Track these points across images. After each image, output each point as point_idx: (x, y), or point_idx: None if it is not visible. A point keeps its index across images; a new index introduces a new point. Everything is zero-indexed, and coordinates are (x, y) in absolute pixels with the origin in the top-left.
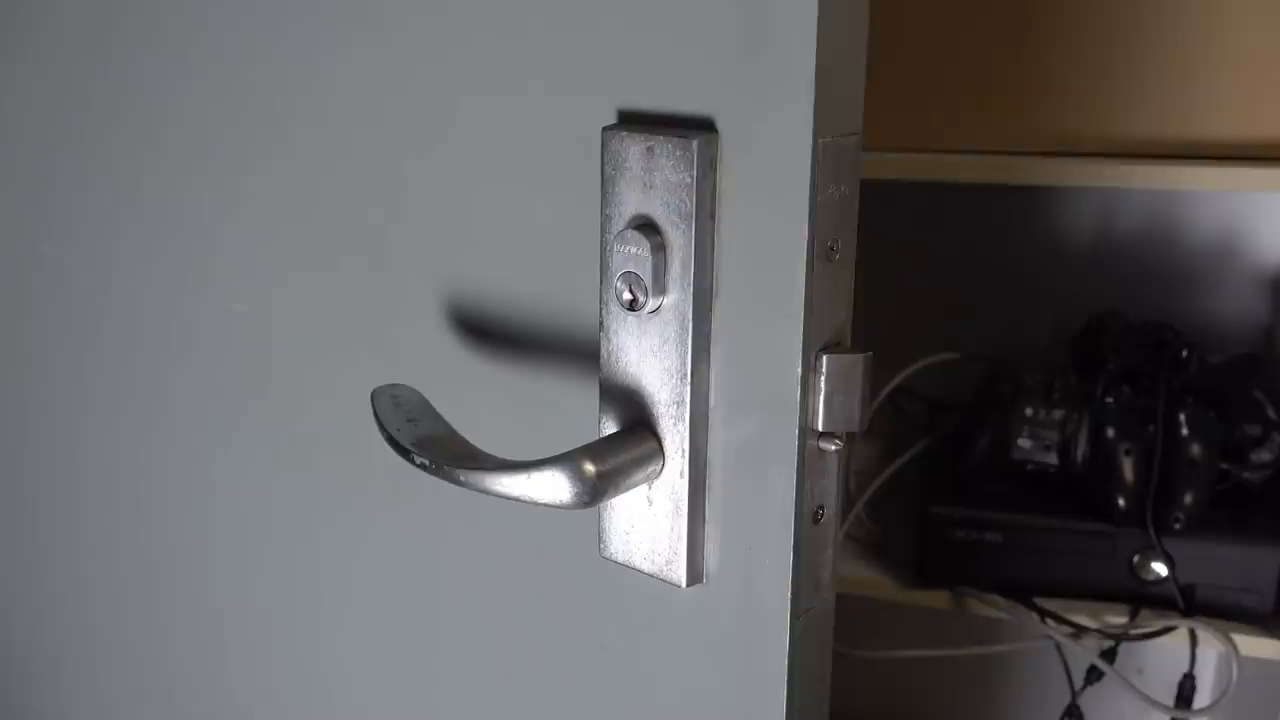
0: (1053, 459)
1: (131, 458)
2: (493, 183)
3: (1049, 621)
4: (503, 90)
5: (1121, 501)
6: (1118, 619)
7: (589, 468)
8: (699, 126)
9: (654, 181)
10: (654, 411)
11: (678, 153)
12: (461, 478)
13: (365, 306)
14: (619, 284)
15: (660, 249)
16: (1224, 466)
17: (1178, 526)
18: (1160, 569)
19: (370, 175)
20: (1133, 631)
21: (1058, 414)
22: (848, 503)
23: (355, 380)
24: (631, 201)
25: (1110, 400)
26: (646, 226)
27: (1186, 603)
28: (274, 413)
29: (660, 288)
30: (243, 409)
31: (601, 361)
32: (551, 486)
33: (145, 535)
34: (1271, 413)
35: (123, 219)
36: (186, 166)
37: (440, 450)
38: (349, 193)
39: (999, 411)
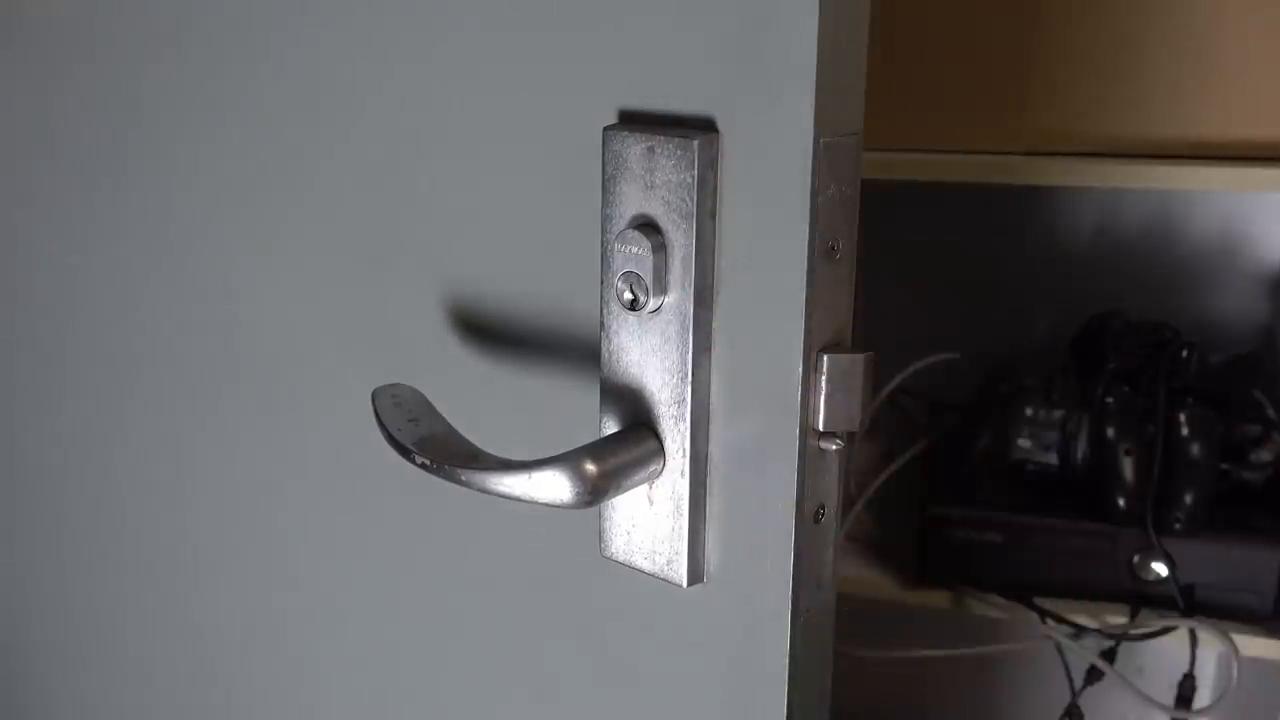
0: (1053, 459)
1: (131, 457)
2: (493, 183)
3: (1049, 621)
4: (503, 90)
5: (1121, 501)
6: (1118, 619)
7: (590, 467)
8: (700, 126)
9: (654, 181)
10: (655, 411)
11: (678, 153)
12: (463, 477)
13: (366, 306)
14: (620, 284)
15: (661, 248)
16: (1224, 466)
17: (1178, 526)
18: (1160, 569)
19: (371, 175)
20: (1133, 631)
21: (1058, 414)
22: (848, 503)
23: (356, 380)
24: (632, 201)
25: (1110, 400)
26: (647, 226)
27: (1186, 603)
28: (274, 413)
29: (661, 287)
30: (243, 409)
31: (602, 361)
32: (552, 486)
33: (144, 535)
34: (1271, 413)
35: (123, 219)
36: (187, 167)
37: (441, 450)
38: (350, 193)
39: (999, 411)
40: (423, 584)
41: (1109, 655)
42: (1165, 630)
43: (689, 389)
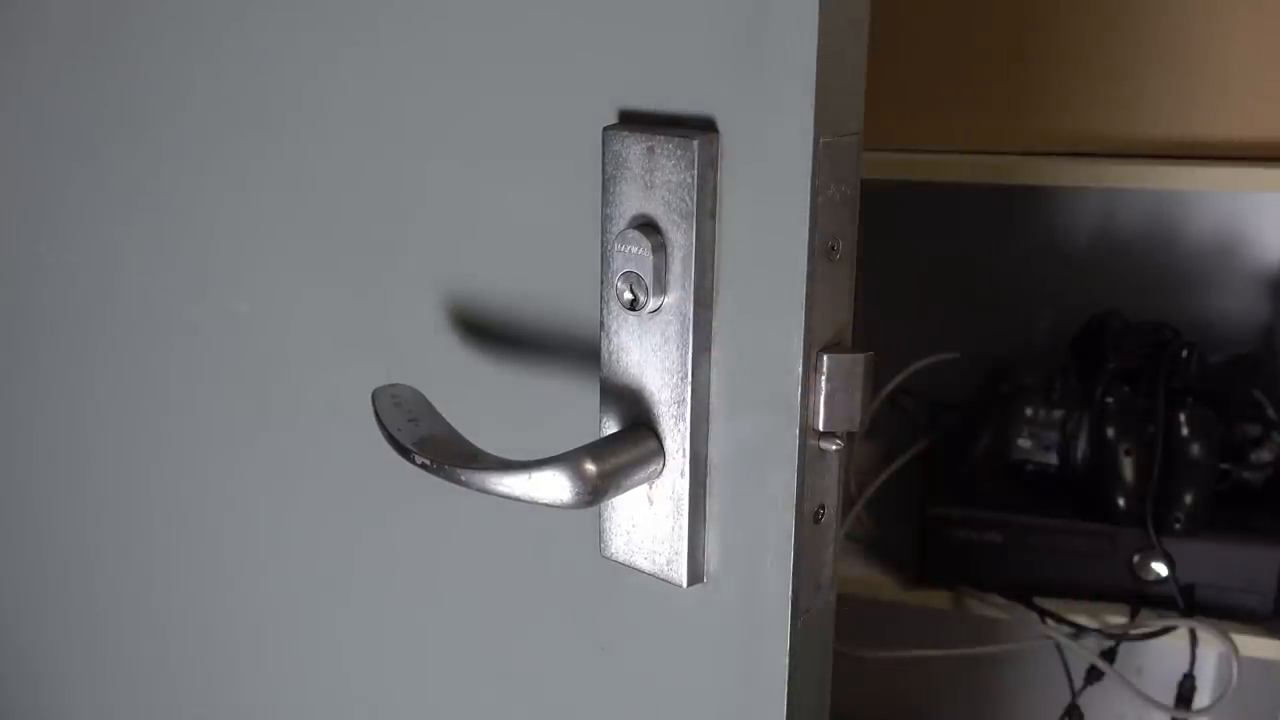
0: (1053, 459)
1: (132, 457)
2: (493, 183)
3: (1049, 621)
4: (503, 90)
5: (1121, 501)
6: (1118, 619)
7: (590, 467)
8: (699, 126)
9: (654, 181)
10: (655, 411)
11: (678, 153)
12: (463, 477)
13: (365, 306)
14: (620, 284)
15: (661, 248)
16: (1224, 466)
17: (1178, 526)
18: (1160, 569)
19: (370, 175)
20: (1133, 631)
21: (1058, 414)
22: (848, 503)
23: (355, 380)
24: (632, 201)
25: (1110, 400)
26: (647, 226)
27: (1186, 603)
28: (274, 413)
29: (661, 287)
30: (243, 409)
31: (602, 361)
32: (552, 486)
33: (144, 535)
34: (1271, 413)
35: (123, 219)
36: (186, 166)
37: (441, 450)
38: (349, 193)
39: (999, 411)
40: (422, 584)
41: (1109, 655)
42: (1165, 630)
43: (689, 389)
